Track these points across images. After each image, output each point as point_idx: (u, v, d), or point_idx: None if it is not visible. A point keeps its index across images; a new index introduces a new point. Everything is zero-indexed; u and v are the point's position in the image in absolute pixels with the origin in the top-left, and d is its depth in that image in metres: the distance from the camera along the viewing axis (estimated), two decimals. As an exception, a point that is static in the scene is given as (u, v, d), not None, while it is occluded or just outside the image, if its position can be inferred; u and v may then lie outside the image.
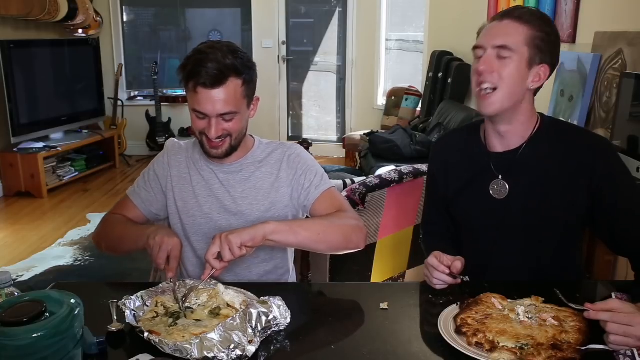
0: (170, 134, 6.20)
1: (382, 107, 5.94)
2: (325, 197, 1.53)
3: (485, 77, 1.35)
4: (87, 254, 3.72)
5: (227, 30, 6.64)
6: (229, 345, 1.05)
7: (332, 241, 1.43)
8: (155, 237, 1.35)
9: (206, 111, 1.41)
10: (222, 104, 1.40)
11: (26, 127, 4.91)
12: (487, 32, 1.38)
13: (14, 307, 0.95)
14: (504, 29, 1.35)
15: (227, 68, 1.38)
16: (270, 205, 1.54)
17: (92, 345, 1.08)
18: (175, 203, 1.58)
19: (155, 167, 1.62)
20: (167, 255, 1.33)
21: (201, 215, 1.55)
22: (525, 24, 1.33)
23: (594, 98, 2.64)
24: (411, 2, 5.89)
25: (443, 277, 1.32)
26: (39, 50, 5.19)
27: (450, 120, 4.28)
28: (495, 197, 1.44)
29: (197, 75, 1.38)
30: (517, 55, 1.33)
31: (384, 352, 1.12)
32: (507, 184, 1.42)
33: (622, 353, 1.07)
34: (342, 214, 1.48)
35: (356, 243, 1.46)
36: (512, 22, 1.34)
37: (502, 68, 1.33)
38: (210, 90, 1.38)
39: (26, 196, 4.89)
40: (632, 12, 2.45)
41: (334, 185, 1.57)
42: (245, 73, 1.43)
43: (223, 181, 1.55)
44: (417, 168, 2.14)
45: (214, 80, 1.37)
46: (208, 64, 1.37)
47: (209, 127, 1.43)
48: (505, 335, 1.11)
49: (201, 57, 1.39)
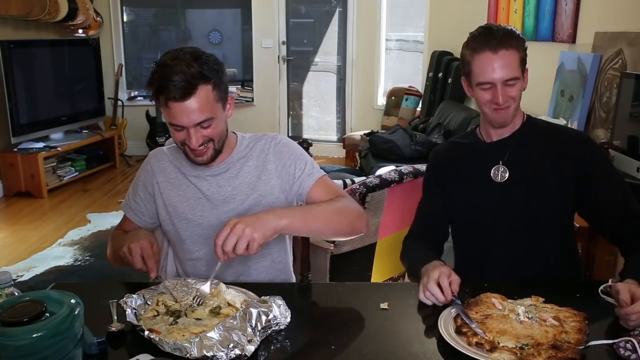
0: (170, 134, 6.19)
1: (382, 107, 5.94)
2: (321, 184, 1.54)
3: (502, 104, 1.47)
4: (87, 254, 3.72)
5: (227, 30, 6.65)
6: (228, 345, 1.05)
7: (339, 228, 1.47)
8: (124, 249, 1.40)
9: (182, 123, 1.39)
10: (196, 113, 1.38)
11: (26, 127, 4.91)
12: (489, 67, 1.45)
13: (14, 307, 0.95)
14: (505, 62, 1.44)
15: (194, 77, 1.35)
16: (260, 197, 1.53)
17: (92, 345, 1.09)
18: (165, 208, 1.57)
19: (142, 176, 1.62)
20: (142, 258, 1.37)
21: (193, 218, 1.55)
22: (514, 49, 1.45)
23: (594, 98, 2.64)
24: (411, 2, 5.89)
25: (440, 298, 1.29)
26: (39, 50, 5.19)
27: (450, 121, 4.28)
28: (497, 181, 1.54)
29: (165, 90, 1.35)
30: (519, 77, 1.48)
31: (384, 352, 1.12)
32: (507, 168, 1.53)
33: (622, 346, 1.07)
34: (344, 200, 1.50)
35: (360, 228, 1.50)
36: (506, 51, 1.44)
37: (512, 92, 1.47)
38: (182, 103, 1.36)
39: (26, 196, 4.89)
40: (632, 12, 2.45)
41: (325, 174, 1.57)
42: (213, 77, 1.39)
43: (212, 182, 1.55)
44: (417, 168, 2.14)
45: (184, 92, 1.35)
46: (174, 77, 1.34)
47: (188, 137, 1.41)
48: (506, 335, 1.11)
49: (166, 70, 1.35)
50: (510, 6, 3.68)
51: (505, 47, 1.44)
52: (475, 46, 1.47)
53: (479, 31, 1.49)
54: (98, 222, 4.30)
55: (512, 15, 3.65)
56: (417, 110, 5.46)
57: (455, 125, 4.13)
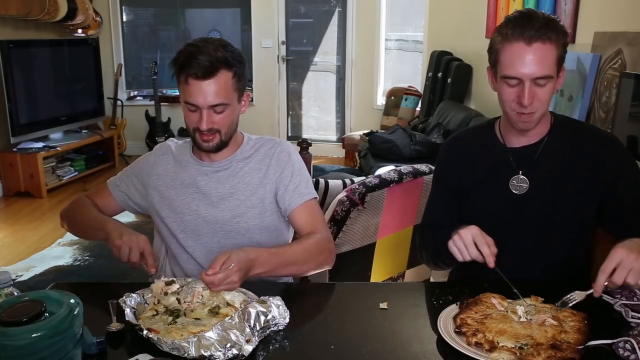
0: (170, 134, 6.19)
1: (381, 107, 5.94)
2: (306, 208, 1.55)
3: (527, 108, 1.33)
4: (87, 254, 3.71)
5: (226, 30, 6.64)
6: (225, 344, 1.05)
7: (305, 271, 1.50)
8: (122, 237, 1.39)
9: (197, 102, 1.43)
10: (213, 95, 1.42)
11: (26, 127, 4.90)
12: (519, 60, 1.29)
13: (13, 307, 0.95)
14: (537, 58, 1.28)
15: (218, 60, 1.41)
16: (258, 201, 1.55)
17: (92, 345, 1.08)
18: (160, 201, 1.59)
19: (141, 163, 1.65)
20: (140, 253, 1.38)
21: (188, 212, 1.56)
22: (552, 44, 1.29)
23: (594, 98, 2.64)
24: (411, 2, 5.89)
25: (466, 257, 1.29)
26: (39, 50, 5.19)
27: (449, 121, 4.28)
28: (515, 193, 1.44)
29: (188, 67, 1.41)
30: (553, 76, 1.33)
31: (384, 352, 1.12)
32: (528, 179, 1.43)
33: (621, 346, 1.07)
34: (316, 236, 1.49)
35: (327, 264, 1.53)
36: (542, 44, 1.28)
37: (542, 94, 1.32)
38: (201, 82, 1.41)
39: (26, 196, 4.89)
40: (631, 12, 2.45)
41: (316, 197, 1.59)
42: (236, 66, 1.45)
43: (211, 178, 1.56)
44: (417, 168, 2.14)
45: (205, 71, 1.40)
46: (199, 56, 1.40)
47: (200, 119, 1.45)
48: (505, 335, 1.11)
49: (193, 49, 1.41)
50: (510, 6, 3.68)
51: (541, 39, 1.28)
52: (507, 32, 1.30)
53: (515, 15, 1.32)
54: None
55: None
56: (416, 110, 5.46)
57: (455, 125, 4.13)
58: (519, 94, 1.32)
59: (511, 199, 1.44)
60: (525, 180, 1.43)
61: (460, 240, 1.31)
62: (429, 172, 2.16)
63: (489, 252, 1.28)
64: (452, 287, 1.40)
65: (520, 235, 1.46)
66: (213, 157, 1.56)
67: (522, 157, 1.44)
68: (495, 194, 1.47)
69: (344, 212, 1.97)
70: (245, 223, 1.54)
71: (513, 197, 1.44)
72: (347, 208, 1.97)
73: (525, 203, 1.43)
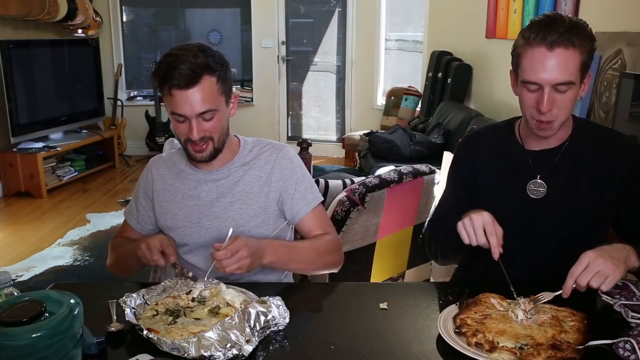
0: (170, 134, 6.18)
1: (381, 107, 5.94)
2: (315, 215, 1.56)
3: (546, 115, 1.31)
4: (87, 254, 3.72)
5: (226, 30, 6.64)
6: (225, 345, 1.05)
7: (314, 269, 1.55)
8: (141, 245, 1.41)
9: (184, 112, 1.39)
10: (199, 103, 1.39)
11: (26, 127, 4.91)
12: (540, 66, 1.27)
13: (13, 307, 0.95)
14: (559, 63, 1.26)
15: (199, 66, 1.37)
16: (260, 210, 1.53)
17: (92, 345, 1.08)
18: (163, 215, 1.58)
19: (142, 184, 1.64)
20: (161, 251, 1.39)
21: (190, 225, 1.54)
22: (576, 49, 1.26)
23: (594, 98, 2.64)
24: (411, 2, 5.90)
25: (473, 242, 1.28)
26: (39, 50, 5.19)
27: (449, 121, 4.28)
28: (532, 197, 1.42)
29: (170, 78, 1.37)
30: (575, 82, 1.30)
31: (383, 352, 1.12)
32: (546, 184, 1.41)
33: (621, 346, 1.07)
34: (326, 237, 1.53)
35: (336, 265, 1.56)
36: (564, 50, 1.25)
37: (562, 101, 1.30)
38: (185, 91, 1.37)
39: (25, 196, 4.89)
40: (631, 12, 2.45)
41: (322, 199, 1.60)
42: (219, 70, 1.42)
43: (211, 188, 1.54)
44: (417, 168, 2.14)
45: (188, 80, 1.36)
46: (180, 65, 1.36)
47: (190, 129, 1.41)
48: (505, 335, 1.11)
49: (172, 59, 1.38)
50: (510, 6, 3.68)
51: (564, 45, 1.25)
52: (529, 36, 1.28)
53: (540, 19, 1.29)
54: (97, 222, 4.30)
55: (512, 15, 3.65)
56: (416, 110, 5.46)
57: (455, 125, 4.13)
58: (538, 99, 1.30)
59: (528, 203, 1.42)
60: (543, 184, 1.41)
61: (470, 224, 1.29)
62: (429, 172, 2.16)
63: (496, 244, 1.27)
64: (452, 287, 1.40)
65: (535, 240, 1.44)
66: (211, 164, 1.53)
67: (541, 161, 1.42)
68: (512, 197, 1.45)
69: (344, 212, 1.97)
70: (249, 232, 1.51)
71: (530, 201, 1.42)
72: (347, 208, 1.97)
73: (541, 208, 1.42)
